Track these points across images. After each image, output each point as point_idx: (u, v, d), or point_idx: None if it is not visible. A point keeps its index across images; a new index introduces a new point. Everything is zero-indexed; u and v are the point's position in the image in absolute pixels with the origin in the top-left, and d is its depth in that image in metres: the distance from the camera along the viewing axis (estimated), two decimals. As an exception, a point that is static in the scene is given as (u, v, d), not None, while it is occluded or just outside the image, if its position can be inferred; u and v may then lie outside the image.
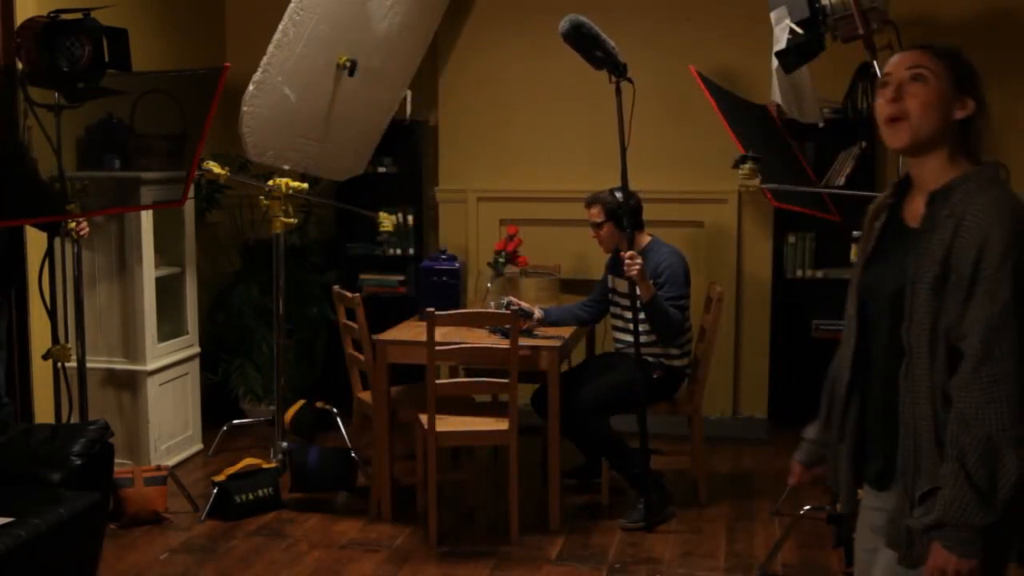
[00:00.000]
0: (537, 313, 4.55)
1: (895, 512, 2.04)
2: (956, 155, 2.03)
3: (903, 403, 2.00)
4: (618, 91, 4.16)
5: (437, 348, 4.06)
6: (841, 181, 5.28)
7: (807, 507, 4.20)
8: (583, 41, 4.09)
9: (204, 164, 4.54)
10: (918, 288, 1.96)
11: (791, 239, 5.60)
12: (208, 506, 4.42)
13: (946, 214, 1.95)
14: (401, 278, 5.96)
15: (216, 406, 5.61)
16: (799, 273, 5.60)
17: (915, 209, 2.06)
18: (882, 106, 2.04)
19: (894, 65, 2.05)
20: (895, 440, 2.03)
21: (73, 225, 4.12)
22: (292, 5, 4.64)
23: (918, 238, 1.99)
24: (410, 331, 4.50)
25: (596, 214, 4.57)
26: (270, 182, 4.71)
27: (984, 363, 1.88)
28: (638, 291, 4.25)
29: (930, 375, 1.95)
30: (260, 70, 4.59)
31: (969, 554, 1.89)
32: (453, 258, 4.89)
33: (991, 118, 2.13)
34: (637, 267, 4.19)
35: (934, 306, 1.94)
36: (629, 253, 4.22)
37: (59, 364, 4.21)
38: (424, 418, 4.12)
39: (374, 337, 4.36)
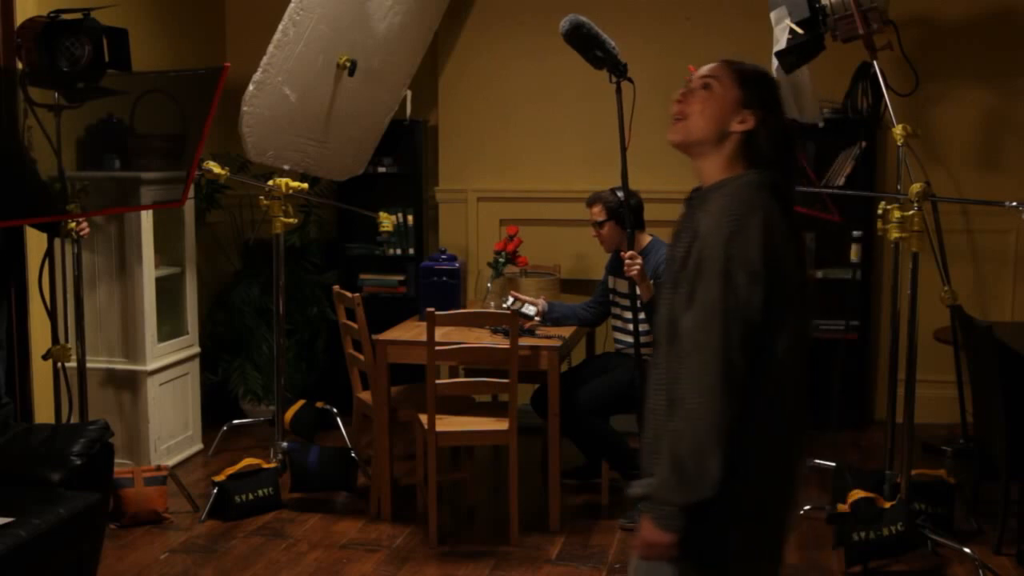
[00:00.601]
0: (541, 304, 4.55)
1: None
2: (733, 163, 2.15)
3: (649, 392, 2.14)
4: (618, 91, 4.15)
5: (437, 348, 4.06)
6: (841, 181, 5.28)
7: (807, 507, 4.21)
8: (583, 41, 4.08)
9: (204, 164, 4.54)
10: (664, 283, 2.13)
11: (791, 239, 5.59)
12: (208, 506, 4.42)
13: (701, 215, 2.09)
14: (401, 278, 5.96)
15: (216, 406, 5.61)
16: (799, 273, 5.59)
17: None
18: (673, 105, 2.20)
19: (696, 72, 2.20)
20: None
21: (73, 225, 4.12)
22: (292, 5, 4.64)
23: (676, 236, 2.17)
24: (410, 331, 4.50)
25: (598, 213, 4.57)
26: (270, 182, 4.70)
27: (692, 355, 1.99)
28: (638, 291, 4.25)
29: (667, 365, 2.08)
30: (260, 70, 4.59)
31: (669, 528, 2.02)
32: (453, 258, 4.89)
33: (988, 117, 2.20)
34: (637, 267, 4.19)
35: (671, 299, 2.09)
36: (629, 253, 4.22)
37: (59, 364, 4.21)
38: (424, 418, 4.12)
39: (374, 337, 4.36)
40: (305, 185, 4.81)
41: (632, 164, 4.27)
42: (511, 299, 4.58)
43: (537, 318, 4.54)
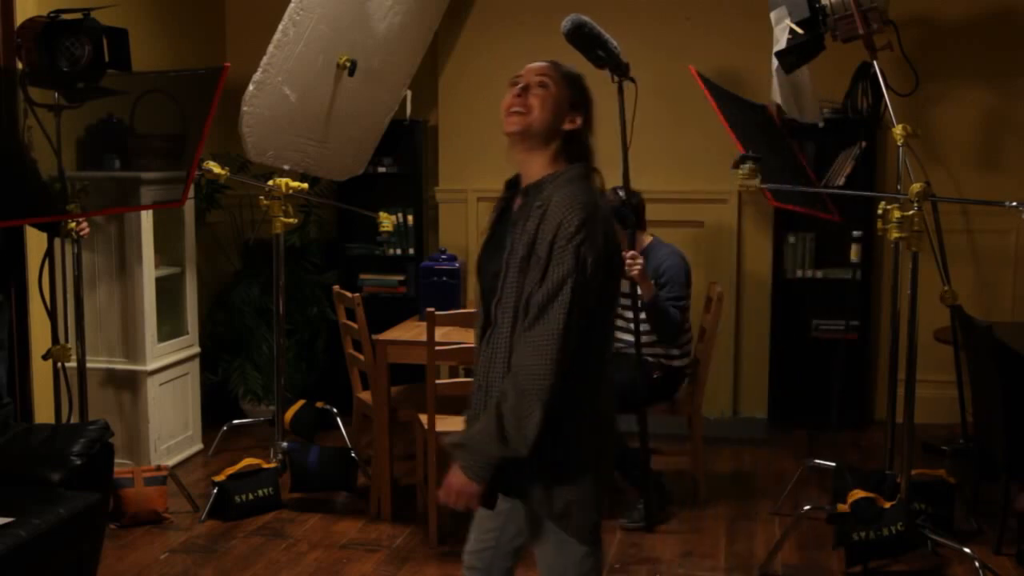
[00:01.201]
0: None
1: None
2: (559, 158, 2.34)
3: (480, 368, 2.34)
4: (620, 91, 4.15)
5: (437, 348, 4.06)
6: (841, 181, 5.28)
7: (807, 507, 4.20)
8: (585, 41, 4.08)
9: (204, 164, 4.54)
10: (510, 267, 2.27)
11: (791, 239, 5.60)
12: (208, 506, 4.42)
13: (538, 204, 2.26)
14: (401, 278, 5.96)
15: (216, 406, 5.61)
16: (799, 273, 5.61)
17: (520, 201, 2.38)
18: (508, 99, 2.37)
19: (526, 71, 2.39)
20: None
21: (73, 225, 4.12)
22: (292, 5, 4.64)
23: (514, 224, 2.31)
24: (410, 331, 4.50)
25: (597, 213, 4.56)
26: (270, 182, 4.70)
27: (537, 323, 2.19)
28: (639, 291, 4.25)
29: (508, 342, 2.25)
30: (260, 70, 4.59)
31: (476, 478, 2.21)
32: (453, 258, 4.89)
33: (988, 117, 2.27)
34: (638, 267, 4.19)
35: (519, 283, 2.24)
36: (630, 253, 4.21)
37: (59, 364, 4.21)
38: (424, 418, 4.12)
39: (374, 337, 4.36)
40: (305, 185, 4.81)
41: (633, 165, 4.27)
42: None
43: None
